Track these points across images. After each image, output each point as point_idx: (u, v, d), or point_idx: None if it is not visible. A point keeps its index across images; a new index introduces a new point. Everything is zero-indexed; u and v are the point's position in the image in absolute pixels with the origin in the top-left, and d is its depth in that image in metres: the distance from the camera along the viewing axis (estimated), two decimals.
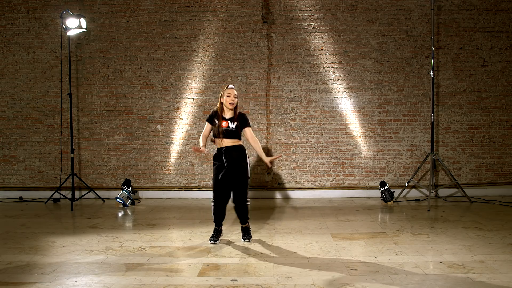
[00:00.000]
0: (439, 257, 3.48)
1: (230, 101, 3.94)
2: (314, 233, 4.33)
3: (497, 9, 6.34)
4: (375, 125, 6.41)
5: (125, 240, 4.11)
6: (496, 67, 6.36)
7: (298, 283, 2.95)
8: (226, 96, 3.96)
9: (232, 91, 3.98)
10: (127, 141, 6.48)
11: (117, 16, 6.41)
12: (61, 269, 3.26)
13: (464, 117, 6.40)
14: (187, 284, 2.96)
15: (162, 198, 6.42)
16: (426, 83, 6.33)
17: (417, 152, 6.40)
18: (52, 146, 6.49)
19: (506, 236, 4.08)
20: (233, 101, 3.95)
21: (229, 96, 3.95)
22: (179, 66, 6.43)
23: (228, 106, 3.95)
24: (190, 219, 5.05)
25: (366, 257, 3.52)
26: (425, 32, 6.31)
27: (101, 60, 6.45)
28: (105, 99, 6.47)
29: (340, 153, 6.43)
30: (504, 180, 6.42)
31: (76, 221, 5.03)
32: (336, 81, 6.40)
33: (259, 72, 6.40)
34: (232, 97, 3.95)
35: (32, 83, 6.48)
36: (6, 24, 6.45)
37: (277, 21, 6.38)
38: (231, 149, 3.94)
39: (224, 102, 3.96)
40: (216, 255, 3.62)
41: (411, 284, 2.90)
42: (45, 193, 6.29)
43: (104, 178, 6.50)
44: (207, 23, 6.40)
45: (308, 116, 6.42)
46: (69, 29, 5.58)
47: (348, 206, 5.78)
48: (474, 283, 2.90)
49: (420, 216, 5.04)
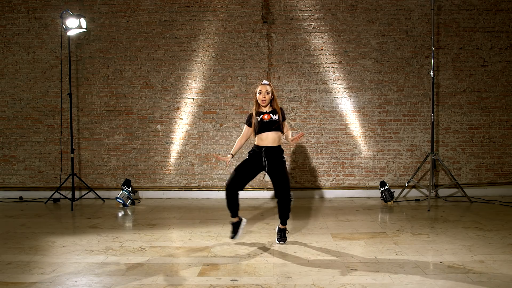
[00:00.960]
0: (439, 257, 3.48)
1: (262, 98, 3.86)
2: (314, 233, 4.33)
3: (497, 9, 6.34)
4: (375, 125, 6.41)
5: (125, 240, 4.11)
6: (496, 67, 6.37)
7: (298, 283, 2.95)
8: (258, 93, 3.89)
9: (264, 87, 3.88)
10: (127, 141, 6.48)
11: (117, 16, 6.41)
12: (61, 269, 3.27)
13: (464, 117, 6.40)
14: (187, 284, 2.96)
15: (162, 198, 6.42)
16: (426, 83, 6.33)
17: (417, 152, 6.40)
18: (52, 146, 6.49)
19: (506, 236, 4.08)
20: (265, 98, 3.85)
21: (261, 93, 3.88)
22: (179, 66, 6.43)
23: (261, 103, 3.88)
24: (190, 219, 5.05)
25: (366, 257, 3.52)
26: (425, 32, 6.31)
27: (101, 60, 6.45)
28: (105, 99, 6.47)
29: (340, 153, 6.43)
30: (504, 180, 6.42)
31: (76, 221, 5.03)
32: (336, 81, 6.40)
33: (259, 72, 6.40)
34: (264, 94, 3.86)
35: (32, 83, 6.48)
36: (6, 24, 6.45)
37: (277, 21, 6.38)
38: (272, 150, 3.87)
39: (257, 99, 3.90)
40: (216, 255, 3.62)
41: (411, 284, 2.90)
42: (45, 193, 6.29)
43: (104, 178, 6.50)
44: (207, 23, 6.40)
45: (308, 116, 6.42)
46: (69, 29, 5.58)
47: (348, 206, 5.78)
48: (474, 283, 2.90)
49: (420, 216, 5.04)
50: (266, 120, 3.87)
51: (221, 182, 6.44)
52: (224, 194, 3.94)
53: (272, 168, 3.87)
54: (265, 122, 3.87)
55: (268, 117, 3.87)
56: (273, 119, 3.88)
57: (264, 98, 3.86)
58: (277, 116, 3.89)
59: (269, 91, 3.89)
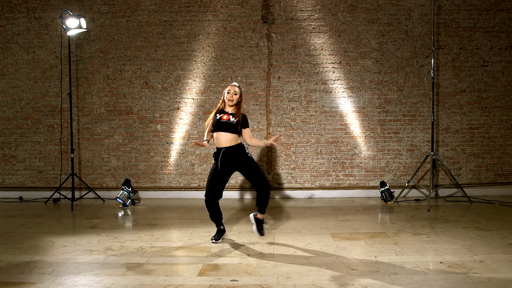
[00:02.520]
0: (439, 257, 3.48)
1: (229, 98, 3.94)
2: (314, 233, 4.33)
3: (497, 9, 6.34)
4: (375, 125, 6.41)
5: (125, 240, 4.11)
6: (496, 67, 6.36)
7: (298, 283, 2.95)
8: (226, 92, 3.97)
9: (232, 87, 3.97)
10: (127, 141, 6.48)
11: (117, 16, 6.41)
12: (61, 269, 3.26)
13: (464, 117, 6.40)
14: (187, 284, 2.96)
15: (162, 198, 6.42)
16: (426, 83, 6.33)
17: (417, 152, 6.40)
18: (52, 146, 6.49)
19: (506, 236, 4.08)
20: (232, 98, 3.93)
21: (229, 93, 3.95)
22: (179, 66, 6.43)
23: (227, 102, 3.94)
24: (190, 219, 5.05)
25: (366, 257, 3.52)
26: (425, 32, 6.31)
27: (101, 60, 6.45)
28: (105, 99, 6.47)
29: (340, 153, 6.43)
30: (504, 180, 6.42)
31: (76, 221, 5.03)
32: (336, 81, 6.40)
33: (259, 72, 6.40)
34: (232, 94, 3.94)
35: (32, 83, 6.48)
36: (6, 24, 6.45)
37: (277, 21, 6.38)
38: (231, 150, 3.89)
39: (225, 98, 3.96)
40: (216, 255, 3.62)
41: (411, 284, 2.90)
42: (45, 193, 6.29)
43: (104, 178, 6.50)
44: (207, 23, 6.40)
45: (308, 116, 6.42)
46: (69, 29, 5.58)
47: (348, 206, 5.78)
48: (474, 283, 2.90)
49: (420, 216, 5.04)
50: (224, 120, 3.91)
51: None
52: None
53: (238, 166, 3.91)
54: (221, 122, 3.92)
55: (226, 118, 3.92)
56: (231, 121, 3.91)
57: (232, 98, 3.94)
58: (236, 120, 3.91)
59: (237, 93, 3.97)
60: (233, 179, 6.41)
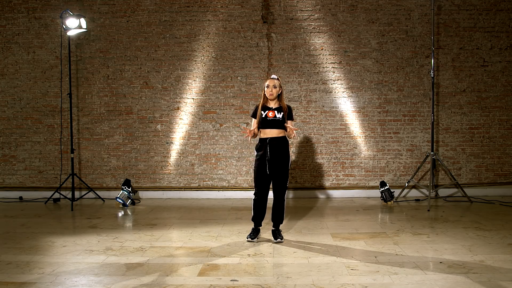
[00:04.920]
0: (439, 257, 3.48)
1: (269, 92, 3.91)
2: (314, 233, 4.33)
3: (497, 9, 6.34)
4: (375, 125, 6.41)
5: (125, 240, 4.11)
6: (496, 67, 6.36)
7: (298, 283, 2.95)
8: (266, 86, 3.95)
9: (271, 81, 3.94)
10: (127, 141, 6.48)
11: (117, 16, 6.41)
12: (61, 269, 3.26)
13: (464, 117, 6.40)
14: (187, 284, 2.96)
15: (162, 198, 6.42)
16: (426, 83, 6.33)
17: (417, 152, 6.40)
18: (52, 146, 6.49)
19: (506, 236, 4.08)
20: (272, 92, 3.90)
21: (268, 87, 3.93)
22: (179, 66, 6.43)
23: (268, 97, 3.93)
24: (190, 219, 5.05)
25: (366, 257, 3.52)
26: (425, 32, 6.31)
27: (101, 60, 6.45)
28: (105, 99, 6.47)
29: (340, 153, 6.43)
30: (504, 180, 6.42)
31: (76, 221, 5.03)
32: (336, 81, 6.40)
33: (259, 72, 6.40)
34: (271, 87, 3.91)
35: (32, 83, 6.48)
36: (6, 24, 6.45)
37: (277, 21, 6.38)
38: (276, 140, 3.89)
39: (265, 93, 3.94)
40: (216, 255, 3.62)
41: (411, 284, 2.90)
42: (45, 193, 6.29)
43: (104, 178, 6.50)
44: (207, 23, 6.40)
45: (308, 116, 6.42)
46: (69, 29, 5.58)
47: (348, 206, 5.78)
48: (474, 283, 2.90)
49: (420, 216, 5.04)
50: (270, 118, 3.90)
51: (221, 182, 6.44)
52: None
53: (274, 160, 3.88)
54: (268, 120, 3.90)
55: (272, 115, 3.90)
56: (277, 118, 3.90)
57: (272, 92, 3.90)
58: (282, 115, 3.91)
59: (276, 86, 3.93)
60: (233, 179, 6.42)
